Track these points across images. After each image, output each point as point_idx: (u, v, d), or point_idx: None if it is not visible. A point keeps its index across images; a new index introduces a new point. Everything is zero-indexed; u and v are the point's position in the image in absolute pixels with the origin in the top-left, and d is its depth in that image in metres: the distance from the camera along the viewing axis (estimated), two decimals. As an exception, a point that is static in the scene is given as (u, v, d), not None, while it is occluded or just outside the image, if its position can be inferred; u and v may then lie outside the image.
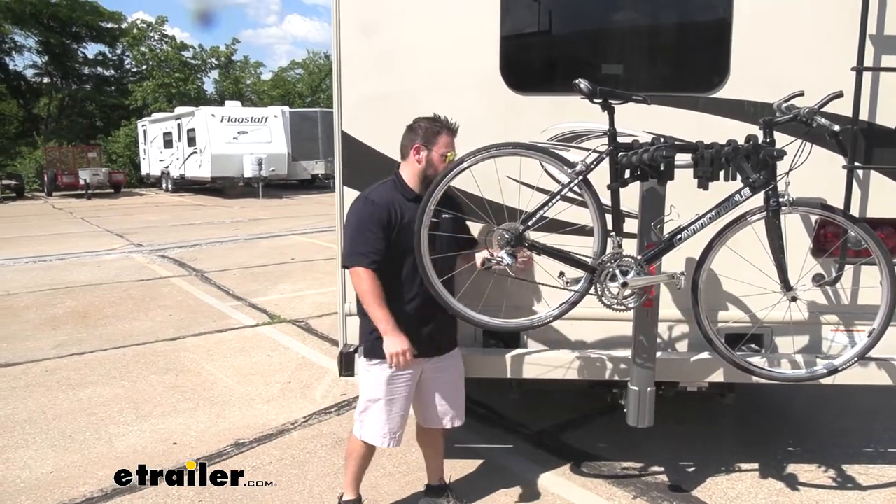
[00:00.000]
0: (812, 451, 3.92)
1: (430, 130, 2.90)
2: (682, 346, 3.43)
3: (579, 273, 2.84)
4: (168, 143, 27.42)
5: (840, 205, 3.09)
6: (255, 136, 24.77)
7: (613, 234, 2.78)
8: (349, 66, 3.33)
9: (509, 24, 3.27)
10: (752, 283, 3.05)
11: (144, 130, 29.99)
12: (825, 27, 3.15)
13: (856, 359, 2.90)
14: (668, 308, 3.31)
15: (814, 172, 3.19)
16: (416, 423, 3.30)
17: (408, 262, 2.88)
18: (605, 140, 2.79)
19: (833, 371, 2.93)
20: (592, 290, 2.80)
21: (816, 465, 3.75)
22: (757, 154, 2.54)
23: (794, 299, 2.85)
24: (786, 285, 2.83)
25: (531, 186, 3.08)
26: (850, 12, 3.06)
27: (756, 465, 3.74)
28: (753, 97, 3.20)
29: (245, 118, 25.30)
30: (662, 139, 2.67)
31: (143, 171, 30.84)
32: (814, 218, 3.17)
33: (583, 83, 2.60)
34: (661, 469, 3.73)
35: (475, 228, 3.18)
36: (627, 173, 2.74)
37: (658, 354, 3.27)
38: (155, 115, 30.00)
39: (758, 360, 3.08)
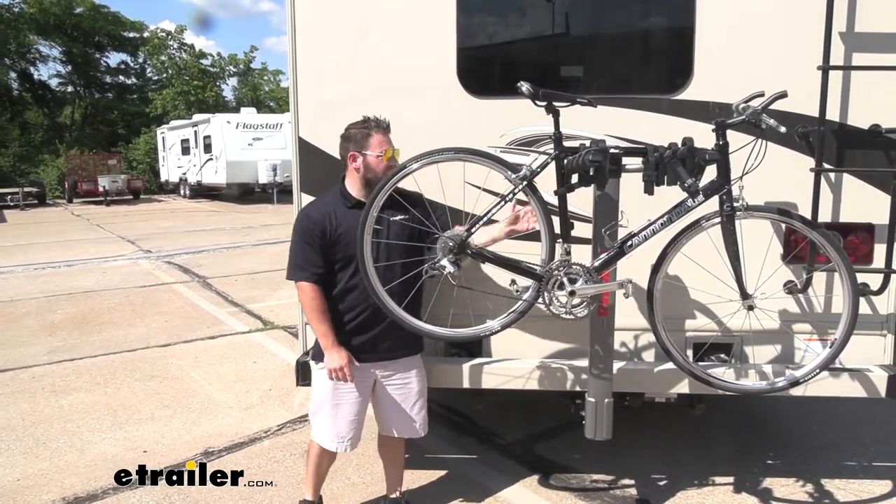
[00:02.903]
0: (792, 465, 3.77)
1: (360, 134, 2.87)
2: (648, 356, 3.33)
3: (530, 282, 2.76)
4: (186, 150, 27.80)
5: (808, 209, 2.98)
6: (270, 143, 24.92)
7: (561, 240, 2.69)
8: (305, 72, 3.29)
9: (466, 27, 3.20)
10: (718, 291, 2.93)
11: (163, 138, 30.46)
12: (793, 26, 3.04)
13: (818, 370, 2.76)
14: (633, 317, 3.22)
15: (785, 176, 3.10)
16: (378, 431, 3.24)
17: (348, 269, 2.83)
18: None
19: (794, 383, 2.79)
20: (540, 300, 2.72)
21: (794, 478, 3.61)
22: (692, 158, 2.43)
23: (750, 308, 2.73)
24: (743, 293, 2.71)
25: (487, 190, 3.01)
26: (819, 10, 2.95)
27: (731, 479, 3.61)
28: (719, 98, 3.10)
29: (260, 125, 25.47)
30: (596, 142, 2.57)
31: (162, 178, 31.35)
32: (783, 223, 3.05)
33: (524, 86, 2.52)
34: (632, 482, 3.62)
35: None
36: (575, 178, 2.65)
37: (621, 364, 3.18)
38: (173, 123, 30.42)
39: (717, 371, 2.95)
